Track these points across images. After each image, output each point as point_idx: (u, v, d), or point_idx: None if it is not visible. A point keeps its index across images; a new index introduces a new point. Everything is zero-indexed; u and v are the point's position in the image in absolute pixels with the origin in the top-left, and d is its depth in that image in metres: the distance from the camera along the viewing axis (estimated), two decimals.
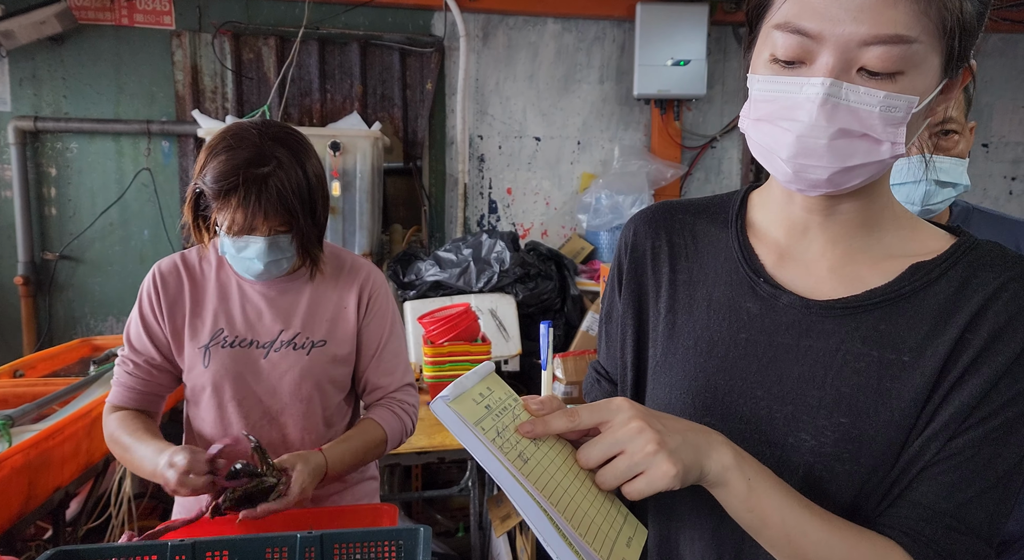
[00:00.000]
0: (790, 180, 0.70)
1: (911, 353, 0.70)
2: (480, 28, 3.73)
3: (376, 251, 3.38)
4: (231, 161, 1.28)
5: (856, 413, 0.70)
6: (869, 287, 0.73)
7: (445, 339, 2.61)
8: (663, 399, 0.81)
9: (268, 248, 1.34)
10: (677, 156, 3.91)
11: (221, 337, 1.44)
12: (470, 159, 3.82)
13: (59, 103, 3.40)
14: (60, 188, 3.46)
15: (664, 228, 0.87)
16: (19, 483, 1.80)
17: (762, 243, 0.81)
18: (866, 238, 0.76)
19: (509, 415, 0.69)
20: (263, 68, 3.54)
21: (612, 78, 3.88)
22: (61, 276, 3.48)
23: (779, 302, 0.76)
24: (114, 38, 3.41)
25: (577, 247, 3.78)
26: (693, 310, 0.81)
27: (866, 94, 0.63)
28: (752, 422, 0.74)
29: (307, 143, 1.40)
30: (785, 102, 0.66)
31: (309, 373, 1.45)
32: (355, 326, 1.50)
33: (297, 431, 1.47)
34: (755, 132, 0.71)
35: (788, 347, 0.74)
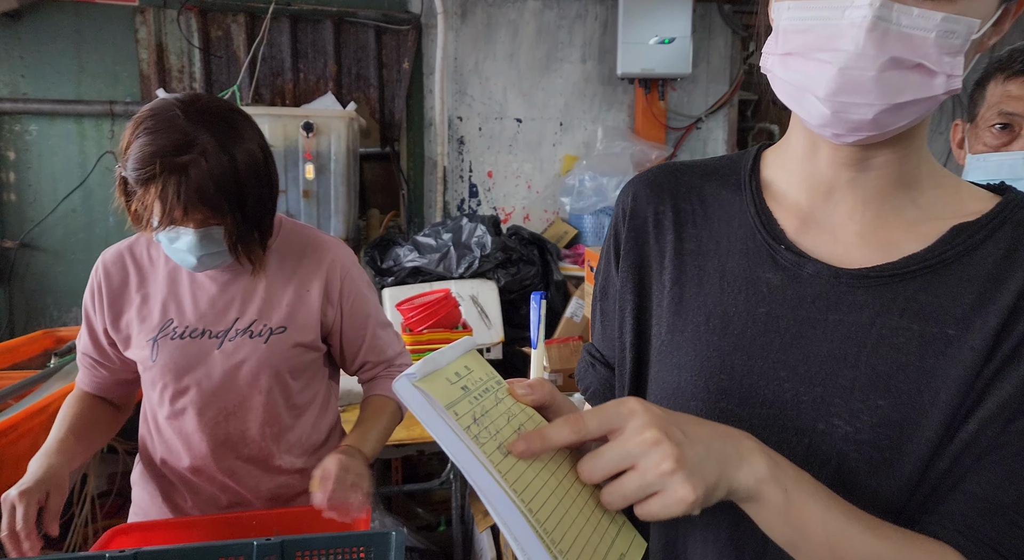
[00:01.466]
0: (826, 123, 0.60)
1: (956, 326, 0.61)
2: (458, 5, 3.61)
3: (353, 236, 3.27)
4: (150, 146, 1.13)
5: (896, 394, 0.61)
6: (905, 253, 0.65)
7: (424, 326, 2.51)
8: (671, 383, 0.71)
9: (199, 241, 1.20)
10: (662, 137, 3.81)
11: (170, 328, 1.33)
12: (449, 141, 3.70)
13: (16, 83, 3.24)
14: (19, 173, 3.30)
15: (668, 192, 0.77)
16: None
17: (781, 206, 0.72)
18: (900, 198, 0.67)
19: (490, 398, 0.58)
20: (232, 46, 3.40)
21: (595, 57, 3.77)
22: (21, 265, 3.33)
23: (803, 272, 0.67)
24: (74, 14, 3.25)
25: (560, 231, 3.68)
26: (703, 283, 0.72)
27: (920, 17, 0.54)
28: (776, 406, 0.65)
29: (241, 123, 1.23)
30: (823, 31, 0.57)
31: (267, 362, 1.33)
32: (319, 310, 1.38)
33: (257, 425, 1.36)
34: (783, 69, 0.61)
35: (815, 322, 0.65)
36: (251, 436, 1.37)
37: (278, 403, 1.37)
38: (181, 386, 1.33)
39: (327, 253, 1.41)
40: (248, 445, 1.37)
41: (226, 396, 1.34)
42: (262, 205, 1.26)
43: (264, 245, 1.31)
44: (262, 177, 1.24)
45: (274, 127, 2.95)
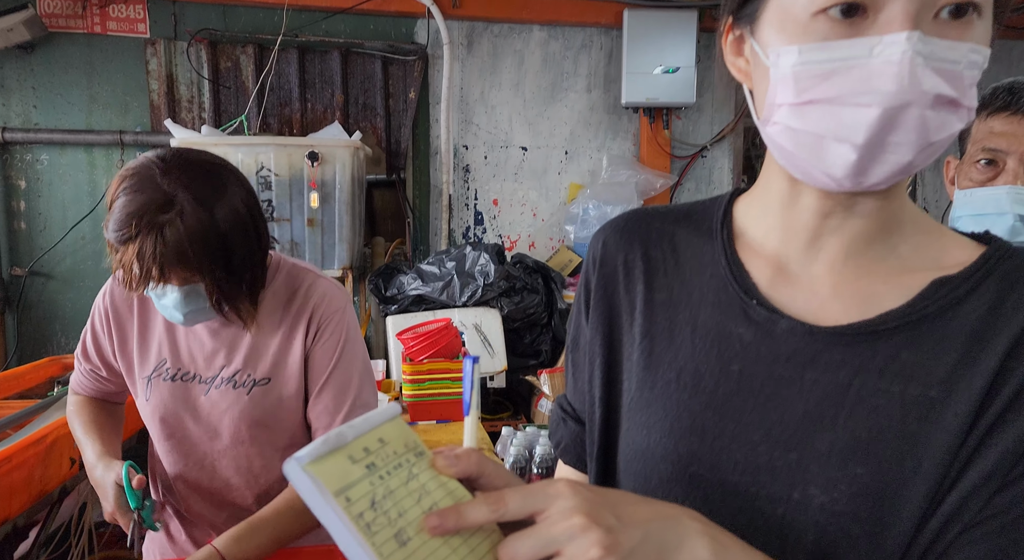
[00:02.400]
0: (850, 173, 0.56)
1: (940, 387, 0.57)
2: (464, 35, 3.64)
3: (357, 265, 3.27)
4: (128, 207, 1.11)
5: (876, 462, 0.57)
6: (885, 307, 0.61)
7: (425, 356, 2.50)
8: (640, 443, 0.67)
9: (184, 298, 1.18)
10: (667, 166, 3.82)
11: (163, 368, 1.32)
12: (455, 169, 3.72)
13: (28, 113, 3.29)
14: (30, 201, 3.34)
15: (639, 239, 0.73)
16: None
17: (755, 256, 0.68)
18: (882, 246, 0.63)
19: (402, 474, 0.51)
20: (241, 77, 3.44)
21: (600, 86, 3.79)
22: (30, 293, 3.36)
23: (777, 327, 0.63)
24: (86, 46, 3.31)
25: (565, 259, 3.68)
26: (674, 336, 0.68)
27: (950, 49, 0.51)
28: (749, 472, 0.61)
29: (225, 178, 1.19)
30: (851, 73, 0.53)
31: (248, 415, 1.30)
32: (302, 361, 1.33)
33: (239, 474, 1.34)
34: (800, 120, 0.57)
35: (790, 381, 0.61)
36: (232, 485, 1.35)
37: (261, 454, 1.35)
38: (168, 429, 1.33)
39: (314, 297, 1.34)
40: (229, 493, 1.36)
41: (208, 445, 1.33)
42: (248, 260, 1.22)
43: (254, 299, 1.27)
44: (248, 232, 1.20)
45: (280, 156, 2.98)
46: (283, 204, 3.03)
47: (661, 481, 0.65)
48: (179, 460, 1.35)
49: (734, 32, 0.64)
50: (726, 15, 0.65)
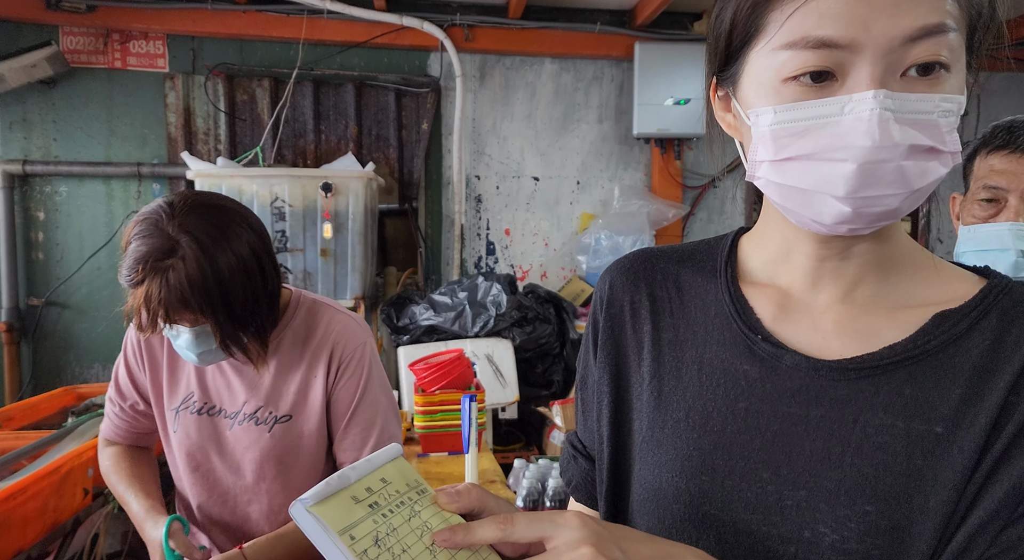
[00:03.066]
0: (843, 221, 0.57)
1: (944, 423, 0.57)
2: (477, 68, 3.69)
3: (369, 294, 3.29)
4: (136, 252, 1.16)
5: (884, 499, 0.57)
6: (887, 342, 0.61)
7: (437, 387, 2.49)
8: (653, 483, 0.67)
9: (195, 339, 1.21)
10: (678, 196, 3.83)
11: (191, 401, 1.34)
12: (467, 199, 3.75)
13: (49, 146, 3.35)
14: (48, 232, 3.39)
15: (644, 279, 0.75)
16: None
17: (758, 293, 0.69)
18: (881, 283, 0.65)
19: (404, 512, 0.54)
20: (256, 109, 3.50)
21: (611, 117, 3.82)
22: (47, 322, 3.39)
23: (782, 364, 0.64)
24: (106, 81, 3.38)
25: (577, 289, 3.68)
26: (682, 375, 0.69)
27: (920, 101, 0.54)
28: (759, 511, 0.61)
29: (229, 223, 1.20)
30: (826, 131, 0.55)
31: (271, 453, 1.31)
32: (323, 397, 1.34)
33: (261, 511, 1.35)
34: (781, 175, 0.59)
35: (796, 418, 0.62)
36: (253, 519, 1.36)
37: (283, 490, 1.35)
38: (194, 462, 1.34)
39: (332, 335, 1.36)
40: (250, 528, 1.36)
41: (232, 480, 1.34)
42: (253, 303, 1.23)
43: (264, 338, 1.28)
44: (252, 277, 1.22)
45: (294, 187, 3.01)
46: (297, 234, 3.05)
47: (675, 521, 0.65)
48: (202, 493, 1.36)
49: (719, 92, 0.67)
50: (710, 75, 0.67)
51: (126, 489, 1.39)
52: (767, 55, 0.57)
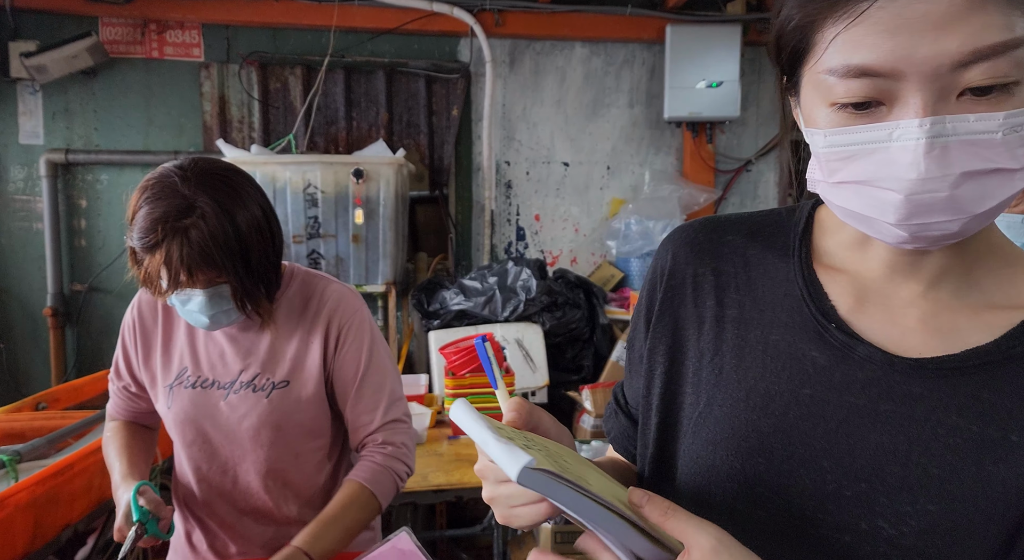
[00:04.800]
0: (905, 242, 0.56)
1: (1020, 432, 0.56)
2: (507, 53, 3.69)
3: (400, 280, 3.32)
4: (152, 214, 1.16)
5: (947, 500, 0.56)
6: (969, 344, 0.60)
7: (467, 370, 2.52)
8: (705, 460, 0.67)
9: (209, 301, 1.23)
10: (710, 180, 3.79)
11: (184, 376, 1.36)
12: (497, 185, 3.76)
13: (90, 135, 3.44)
14: (90, 220, 3.48)
15: (709, 252, 0.73)
16: (24, 521, 1.75)
17: (834, 280, 0.67)
18: (964, 280, 0.62)
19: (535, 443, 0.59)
20: (289, 97, 3.54)
21: (642, 101, 3.80)
22: (89, 307, 3.49)
23: (854, 354, 0.62)
24: (144, 71, 3.45)
25: (607, 274, 3.68)
26: (744, 354, 0.67)
27: (978, 121, 0.50)
28: (816, 499, 0.60)
29: (240, 184, 1.24)
30: (873, 157, 0.53)
31: (268, 418, 1.34)
32: (321, 363, 1.37)
33: (260, 478, 1.37)
34: (838, 198, 0.58)
35: (864, 410, 0.61)
36: (253, 489, 1.38)
37: (281, 457, 1.37)
38: (190, 436, 1.37)
39: (330, 301, 1.39)
40: (251, 497, 1.38)
41: (229, 450, 1.37)
42: (266, 260, 1.28)
43: (271, 298, 1.32)
44: (264, 233, 1.26)
45: (326, 174, 3.05)
46: (329, 221, 3.10)
47: (725, 499, 0.65)
48: (202, 466, 1.39)
49: (788, 94, 0.64)
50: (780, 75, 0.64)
51: (114, 458, 1.41)
52: (816, 77, 0.55)
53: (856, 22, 0.51)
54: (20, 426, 2.31)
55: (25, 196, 3.43)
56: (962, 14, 0.48)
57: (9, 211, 3.42)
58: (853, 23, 0.51)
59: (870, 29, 0.51)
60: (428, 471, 2.19)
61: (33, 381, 3.42)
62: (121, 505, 1.27)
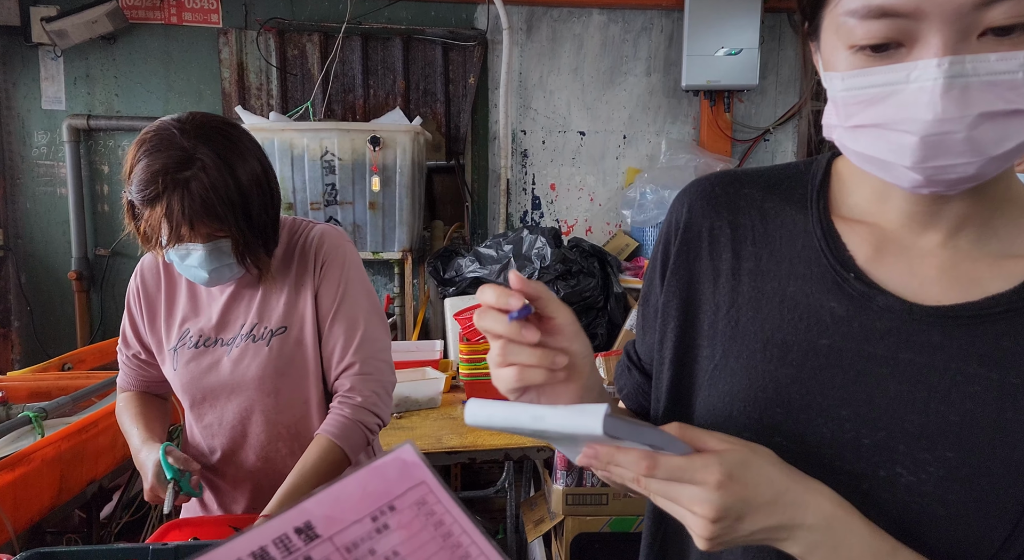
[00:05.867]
0: (920, 186, 0.56)
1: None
2: (524, 21, 3.67)
3: (417, 247, 3.36)
4: (151, 167, 1.15)
5: (967, 448, 0.57)
6: (989, 292, 0.59)
7: (480, 336, 2.56)
8: (721, 410, 0.67)
9: (208, 255, 1.23)
10: (727, 149, 3.77)
11: (187, 337, 1.38)
12: (513, 154, 3.76)
13: (111, 101, 3.48)
14: (112, 185, 3.54)
15: (726, 205, 0.72)
16: (50, 475, 1.82)
17: (852, 230, 0.66)
18: (985, 227, 0.62)
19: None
20: (307, 64, 3.55)
21: (659, 70, 3.77)
22: (112, 272, 3.56)
23: (873, 303, 0.62)
24: (163, 36, 3.47)
25: (622, 243, 3.68)
26: (761, 306, 0.67)
27: (999, 61, 0.50)
28: (834, 447, 0.61)
29: (241, 138, 1.25)
30: (891, 100, 0.53)
31: (271, 365, 1.35)
32: (313, 304, 1.38)
33: (270, 429, 1.39)
34: (854, 142, 0.58)
35: (883, 359, 0.61)
36: (265, 440, 1.40)
37: (291, 403, 1.40)
38: (198, 394, 1.39)
39: (313, 243, 1.40)
40: (263, 449, 1.41)
41: (237, 402, 1.39)
42: (265, 213, 1.28)
43: (270, 252, 1.34)
44: (263, 186, 1.27)
45: (343, 141, 3.07)
46: (346, 188, 3.12)
47: None
48: (212, 424, 1.41)
49: (810, 43, 0.64)
50: (801, 22, 0.64)
51: (130, 425, 1.42)
52: (836, 19, 0.55)
53: None
54: (47, 385, 2.38)
55: (48, 161, 3.48)
56: None
57: (33, 176, 3.48)
58: None
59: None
60: (442, 434, 2.24)
61: (59, 343, 3.51)
62: (148, 467, 1.29)
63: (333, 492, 0.48)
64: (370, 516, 0.48)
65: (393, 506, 0.49)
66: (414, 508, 0.50)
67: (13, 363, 3.52)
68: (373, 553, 0.47)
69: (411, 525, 0.49)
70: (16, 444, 1.90)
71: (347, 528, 0.47)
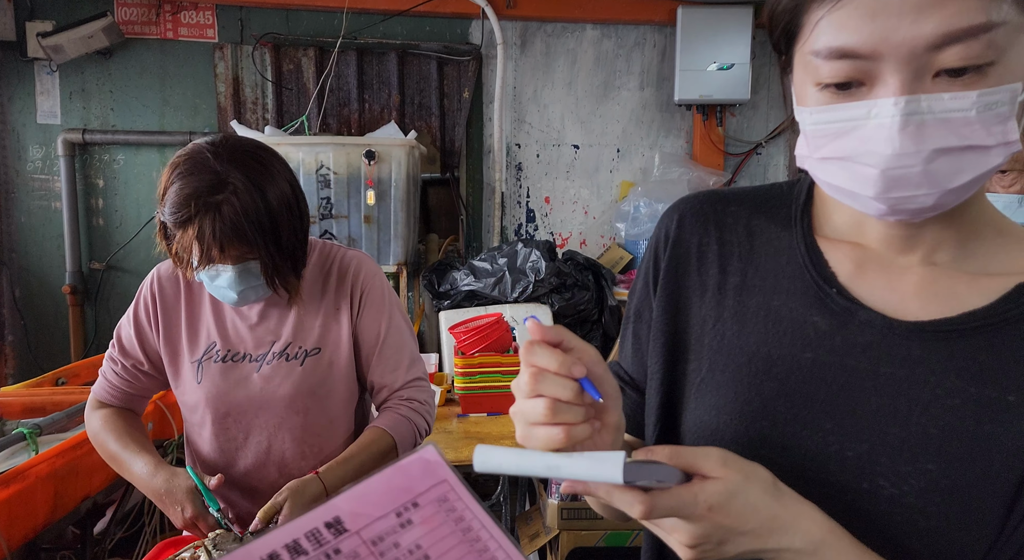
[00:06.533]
0: (886, 214, 0.59)
1: (1018, 392, 0.58)
2: (518, 35, 3.70)
3: (412, 261, 3.36)
4: (184, 190, 1.19)
5: (946, 460, 0.58)
6: (967, 308, 0.61)
7: (476, 350, 2.57)
8: (709, 424, 0.68)
9: (238, 276, 1.26)
10: (720, 163, 3.80)
11: (213, 351, 1.39)
12: (507, 168, 3.78)
13: (107, 116, 3.48)
14: (107, 199, 3.54)
15: (713, 222, 0.74)
16: (44, 492, 1.81)
17: (834, 248, 0.68)
18: (960, 249, 0.64)
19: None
20: (302, 79, 3.57)
21: (652, 84, 3.80)
22: (107, 286, 3.56)
23: (855, 318, 0.64)
24: (159, 51, 3.48)
25: (616, 256, 3.70)
26: (746, 320, 0.69)
27: (953, 100, 0.53)
28: (819, 460, 0.62)
29: (271, 161, 1.28)
30: (853, 135, 0.56)
31: (303, 385, 1.38)
32: (350, 328, 1.42)
33: (296, 446, 1.42)
34: (823, 173, 0.60)
35: (864, 373, 0.62)
36: (289, 457, 1.42)
37: (318, 422, 1.42)
38: (223, 409, 1.39)
39: (351, 267, 1.44)
40: (286, 466, 1.42)
41: (265, 418, 1.40)
42: (295, 236, 1.30)
43: (299, 274, 1.36)
44: (293, 210, 1.29)
45: (338, 155, 3.09)
46: (341, 201, 3.14)
47: None
48: (236, 437, 1.41)
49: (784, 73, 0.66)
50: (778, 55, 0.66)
51: (122, 448, 1.38)
52: (804, 57, 0.58)
53: (839, 5, 0.54)
54: (41, 400, 2.38)
55: (43, 175, 3.49)
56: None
57: (28, 190, 3.48)
58: (836, 7, 0.54)
59: (852, 12, 0.53)
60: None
61: (53, 357, 3.49)
62: (180, 495, 1.27)
63: (360, 489, 0.52)
64: (394, 512, 0.51)
65: (416, 503, 0.52)
66: (436, 505, 0.53)
67: (7, 378, 3.51)
68: (397, 546, 0.50)
69: (433, 520, 0.52)
70: (11, 461, 1.89)
71: (373, 523, 0.50)
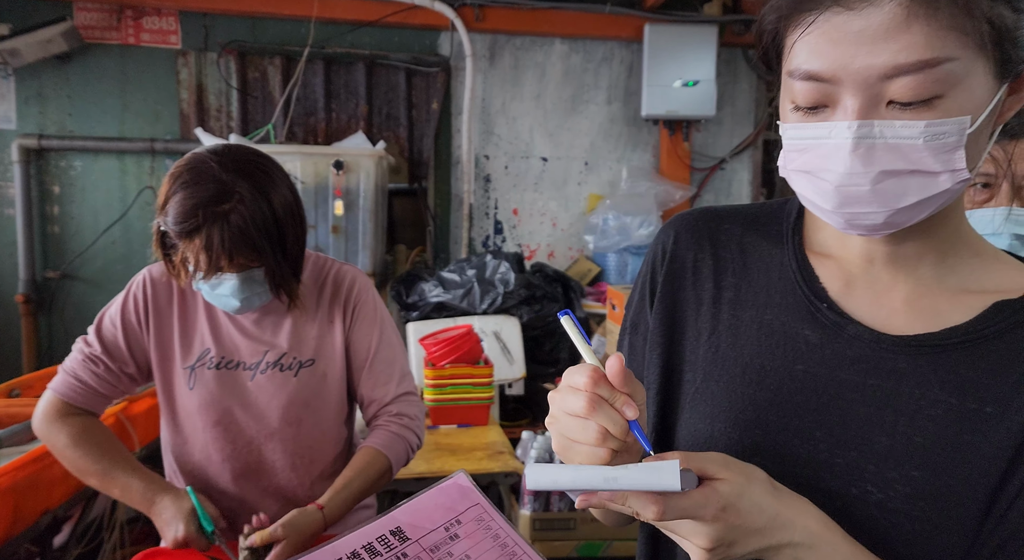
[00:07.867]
0: (844, 227, 0.63)
1: (995, 404, 0.62)
2: (487, 48, 3.72)
3: (379, 271, 3.34)
4: (190, 199, 1.18)
5: (930, 467, 0.62)
6: (948, 324, 0.65)
7: (447, 361, 2.55)
8: (703, 432, 0.71)
9: (241, 284, 1.25)
10: (686, 177, 3.86)
11: (207, 357, 1.37)
12: (475, 179, 3.78)
13: (64, 121, 3.39)
14: (63, 206, 3.44)
15: (708, 239, 0.78)
16: (3, 506, 1.74)
17: (824, 265, 0.72)
18: (939, 266, 0.68)
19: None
20: (268, 87, 3.53)
21: (620, 99, 3.85)
22: (63, 294, 3.45)
23: (844, 332, 0.68)
24: (120, 57, 3.41)
25: (584, 269, 3.72)
26: (740, 333, 0.72)
27: (903, 127, 0.57)
28: (810, 467, 0.65)
29: (273, 169, 1.28)
30: (817, 151, 0.61)
31: (297, 396, 1.37)
32: (343, 340, 1.42)
33: (287, 457, 1.40)
34: (795, 184, 0.65)
35: (853, 385, 0.66)
36: (279, 467, 1.40)
37: (310, 433, 1.40)
38: (215, 416, 1.37)
39: (346, 280, 1.44)
40: (276, 476, 1.40)
41: (257, 427, 1.38)
42: (298, 243, 1.31)
43: (299, 279, 1.35)
44: (296, 216, 1.29)
45: (306, 165, 3.05)
46: (309, 211, 3.09)
47: None
48: (226, 446, 1.38)
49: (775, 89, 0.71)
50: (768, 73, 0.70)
51: (111, 465, 1.32)
52: (785, 78, 0.63)
53: (808, 30, 0.58)
54: None
55: None
56: (891, 33, 0.55)
57: None
58: (806, 32, 0.59)
59: (820, 38, 0.58)
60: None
61: (5, 368, 3.37)
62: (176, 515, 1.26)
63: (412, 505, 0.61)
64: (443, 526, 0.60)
65: (459, 520, 0.61)
66: (475, 523, 0.62)
67: None
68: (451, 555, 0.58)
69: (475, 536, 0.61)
70: None
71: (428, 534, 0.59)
